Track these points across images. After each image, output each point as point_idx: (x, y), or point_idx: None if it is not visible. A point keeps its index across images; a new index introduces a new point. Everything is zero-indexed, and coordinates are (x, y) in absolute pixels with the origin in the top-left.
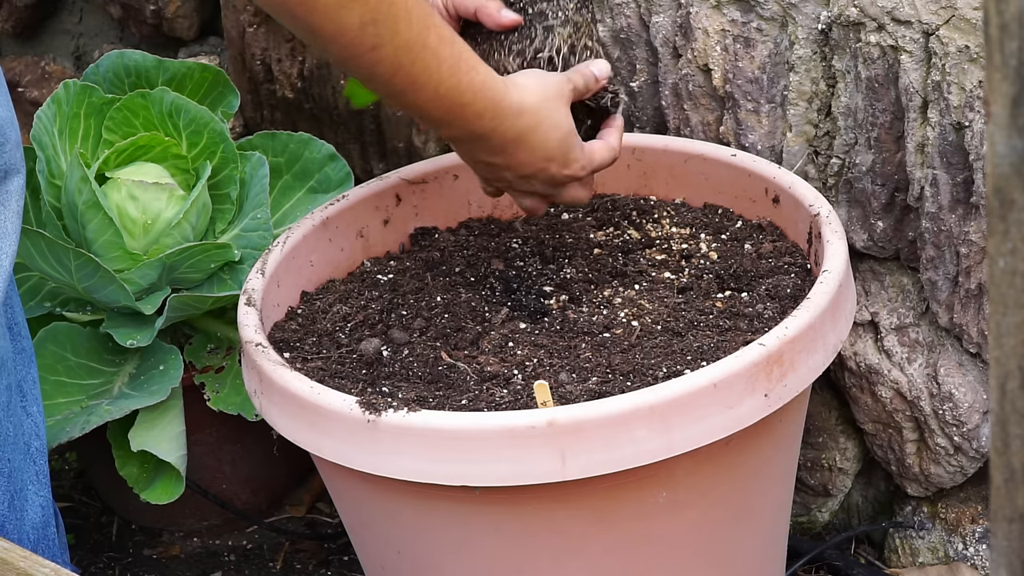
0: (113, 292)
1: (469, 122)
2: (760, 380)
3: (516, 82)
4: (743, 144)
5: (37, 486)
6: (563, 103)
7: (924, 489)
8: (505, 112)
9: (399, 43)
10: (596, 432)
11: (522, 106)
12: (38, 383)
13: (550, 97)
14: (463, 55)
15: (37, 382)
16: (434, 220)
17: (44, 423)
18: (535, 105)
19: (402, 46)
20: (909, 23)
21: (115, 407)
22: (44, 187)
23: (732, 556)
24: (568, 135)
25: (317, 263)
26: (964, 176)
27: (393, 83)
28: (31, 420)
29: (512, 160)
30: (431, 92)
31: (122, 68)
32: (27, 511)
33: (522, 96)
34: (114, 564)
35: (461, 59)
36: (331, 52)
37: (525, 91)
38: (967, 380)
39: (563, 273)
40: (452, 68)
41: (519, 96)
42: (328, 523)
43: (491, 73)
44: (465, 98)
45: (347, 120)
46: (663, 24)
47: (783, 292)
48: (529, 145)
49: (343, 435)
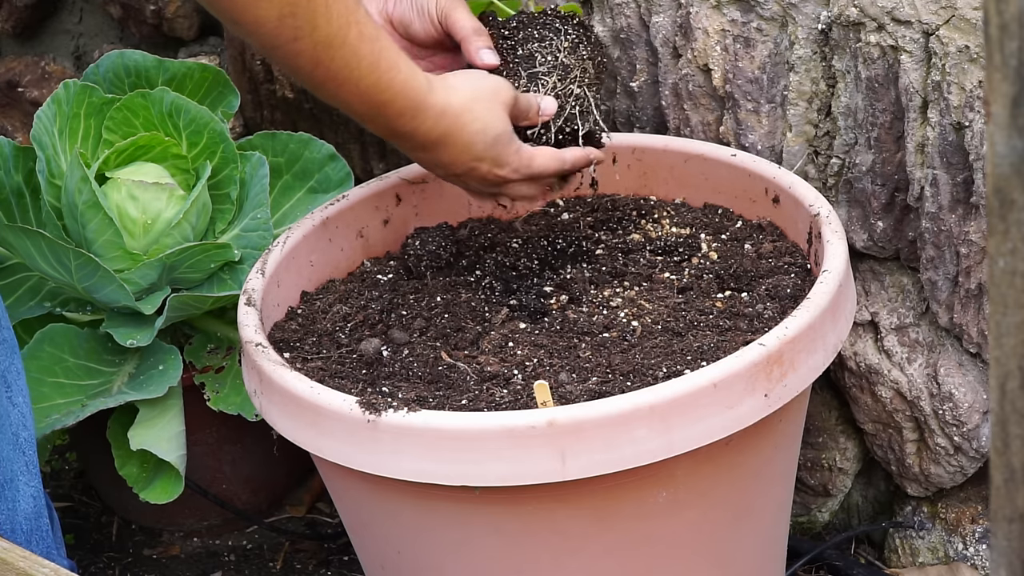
0: (113, 292)
1: (390, 120)
2: (760, 380)
3: (445, 83)
4: (743, 144)
5: (27, 476)
6: (497, 105)
7: (924, 489)
8: (427, 112)
9: (318, 38)
10: (596, 432)
11: (446, 107)
12: (23, 374)
13: (481, 99)
14: (384, 53)
15: (22, 373)
16: (434, 220)
17: (31, 414)
18: (461, 106)
19: (321, 41)
20: (909, 23)
21: (112, 401)
22: (44, 187)
23: (732, 556)
24: (499, 137)
25: (317, 263)
26: (964, 176)
27: (314, 76)
28: (17, 411)
29: (439, 158)
30: (351, 88)
31: (122, 68)
32: (19, 501)
33: (447, 97)
34: (114, 564)
35: (381, 57)
36: (254, 43)
37: (451, 92)
38: (967, 380)
39: (563, 273)
40: (371, 65)
41: (444, 97)
42: (328, 523)
43: (414, 73)
44: (385, 96)
45: (347, 120)
46: (663, 24)
47: (783, 292)
48: (455, 145)
49: (343, 435)
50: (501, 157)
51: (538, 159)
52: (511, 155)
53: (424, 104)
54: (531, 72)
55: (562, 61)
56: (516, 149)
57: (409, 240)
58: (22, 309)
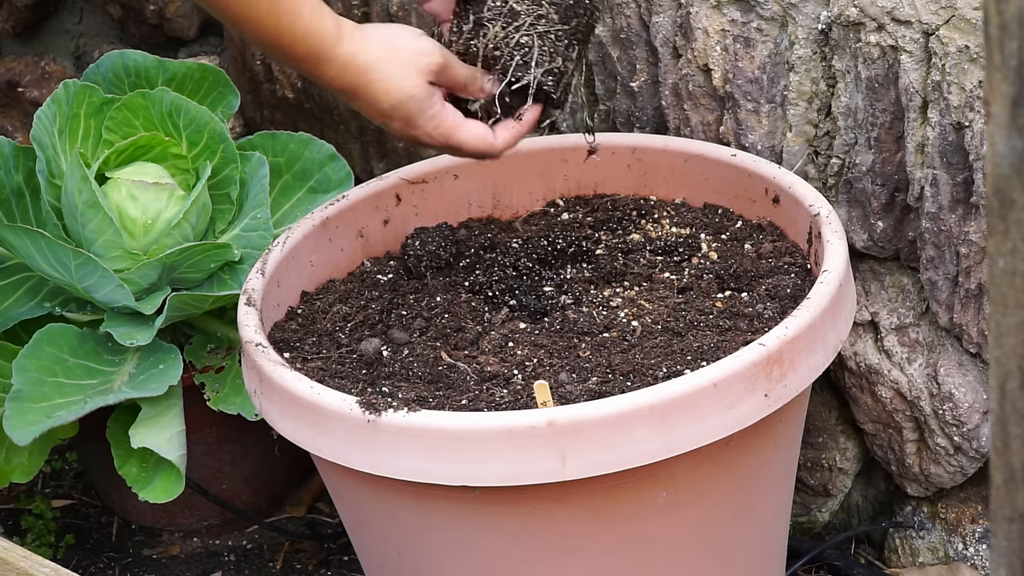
0: (113, 292)
1: (297, 63)
2: (760, 380)
3: (360, 34)
4: (743, 144)
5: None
6: (412, 69)
7: (924, 489)
8: (329, 62)
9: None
10: (596, 432)
11: (349, 59)
12: None
13: (395, 60)
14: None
15: None
16: (434, 220)
17: None
18: (368, 64)
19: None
20: (909, 23)
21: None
22: (44, 187)
23: (732, 556)
24: (408, 100)
25: (317, 263)
26: (964, 176)
27: (225, 15)
28: None
29: (353, 105)
30: (253, 28)
31: (122, 68)
32: None
33: (354, 50)
34: (114, 564)
35: (282, 2)
36: None
37: (362, 46)
38: (967, 380)
39: (563, 273)
40: (271, 9)
41: (349, 49)
42: (328, 523)
43: (320, 19)
44: (284, 40)
45: (347, 120)
46: (663, 24)
47: (783, 292)
48: (361, 99)
49: (343, 435)
50: (413, 119)
51: (459, 134)
52: (425, 120)
53: (327, 54)
54: (478, 17)
55: (511, 7)
56: (432, 115)
57: (409, 240)
58: (22, 309)
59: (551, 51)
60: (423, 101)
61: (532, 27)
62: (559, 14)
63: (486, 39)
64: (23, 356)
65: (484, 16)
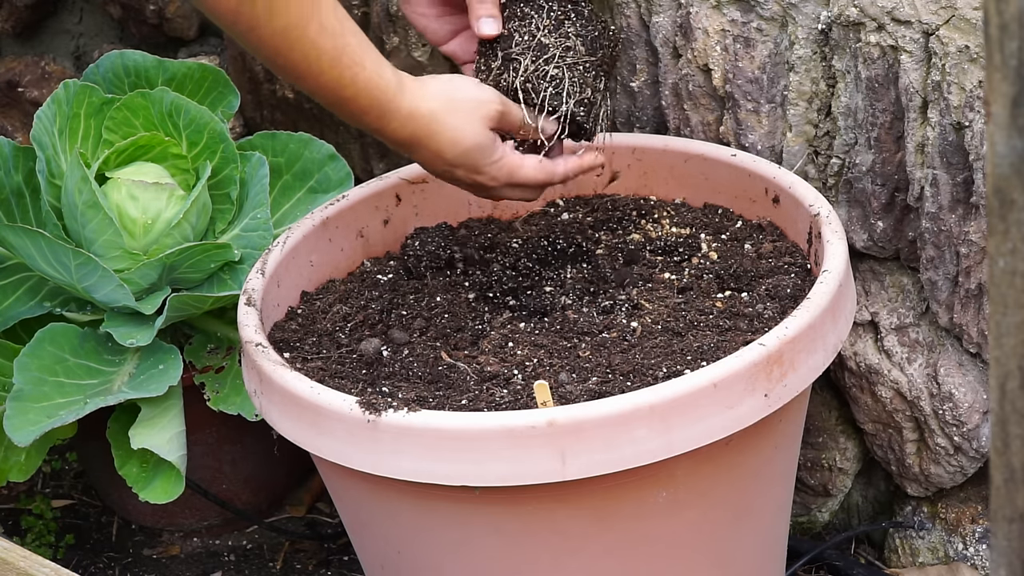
0: (113, 292)
1: (357, 116)
2: (760, 380)
3: (421, 86)
4: (743, 144)
5: None
6: (476, 119)
7: (924, 489)
8: (393, 114)
9: (276, 27)
10: (596, 432)
11: (414, 111)
12: None
13: (457, 111)
14: (348, 49)
15: None
16: (434, 220)
17: None
18: (431, 113)
19: (279, 31)
20: (909, 23)
21: (113, 399)
22: (44, 187)
23: (732, 556)
24: (473, 149)
25: (317, 263)
26: (964, 176)
27: (276, 64)
28: None
29: (416, 157)
30: (312, 82)
31: (122, 68)
32: None
33: (417, 102)
34: (114, 564)
35: (344, 53)
36: (220, 26)
37: (421, 98)
38: (967, 380)
39: (563, 273)
40: (332, 61)
41: (411, 101)
42: (328, 523)
43: (381, 71)
44: (347, 93)
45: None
46: (663, 24)
47: (783, 292)
48: (425, 149)
49: (343, 435)
50: (478, 166)
51: (523, 171)
52: (489, 166)
53: (391, 105)
54: (506, 53)
55: (539, 40)
56: (496, 160)
57: (409, 240)
58: (22, 309)
59: (580, 82)
60: (487, 148)
61: (562, 59)
62: (586, 46)
63: (516, 73)
64: (25, 355)
65: (512, 51)
